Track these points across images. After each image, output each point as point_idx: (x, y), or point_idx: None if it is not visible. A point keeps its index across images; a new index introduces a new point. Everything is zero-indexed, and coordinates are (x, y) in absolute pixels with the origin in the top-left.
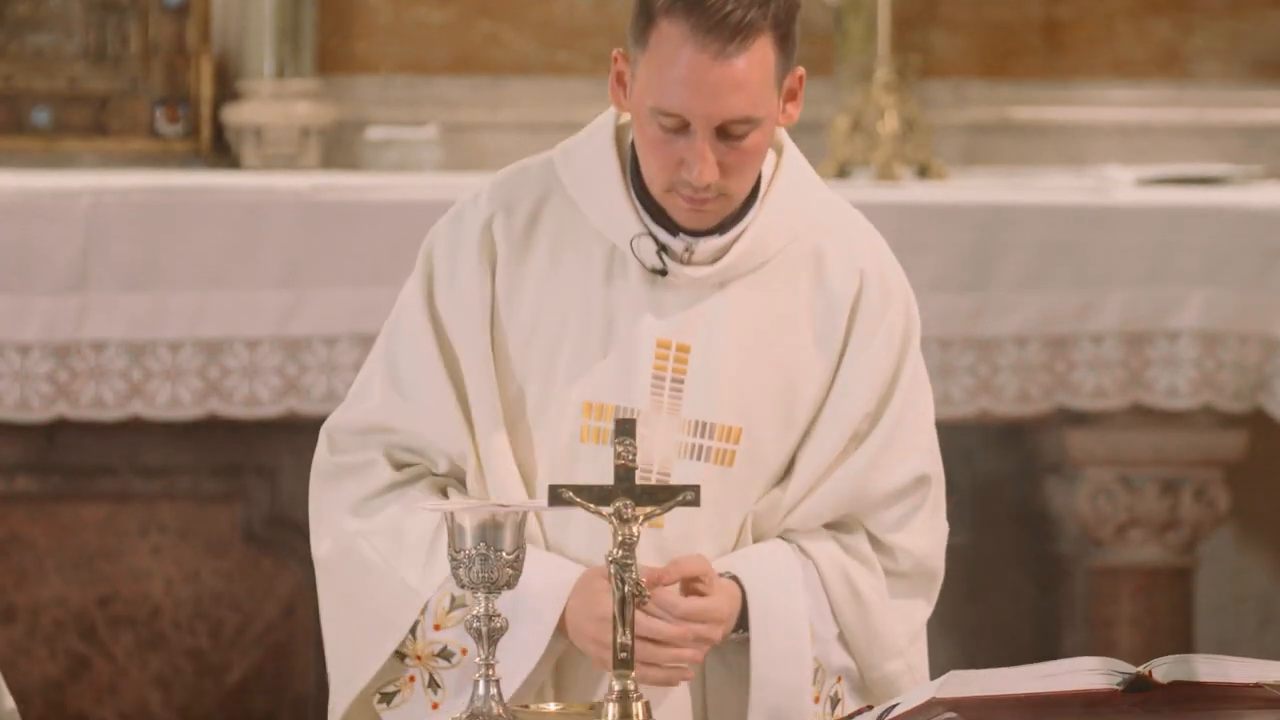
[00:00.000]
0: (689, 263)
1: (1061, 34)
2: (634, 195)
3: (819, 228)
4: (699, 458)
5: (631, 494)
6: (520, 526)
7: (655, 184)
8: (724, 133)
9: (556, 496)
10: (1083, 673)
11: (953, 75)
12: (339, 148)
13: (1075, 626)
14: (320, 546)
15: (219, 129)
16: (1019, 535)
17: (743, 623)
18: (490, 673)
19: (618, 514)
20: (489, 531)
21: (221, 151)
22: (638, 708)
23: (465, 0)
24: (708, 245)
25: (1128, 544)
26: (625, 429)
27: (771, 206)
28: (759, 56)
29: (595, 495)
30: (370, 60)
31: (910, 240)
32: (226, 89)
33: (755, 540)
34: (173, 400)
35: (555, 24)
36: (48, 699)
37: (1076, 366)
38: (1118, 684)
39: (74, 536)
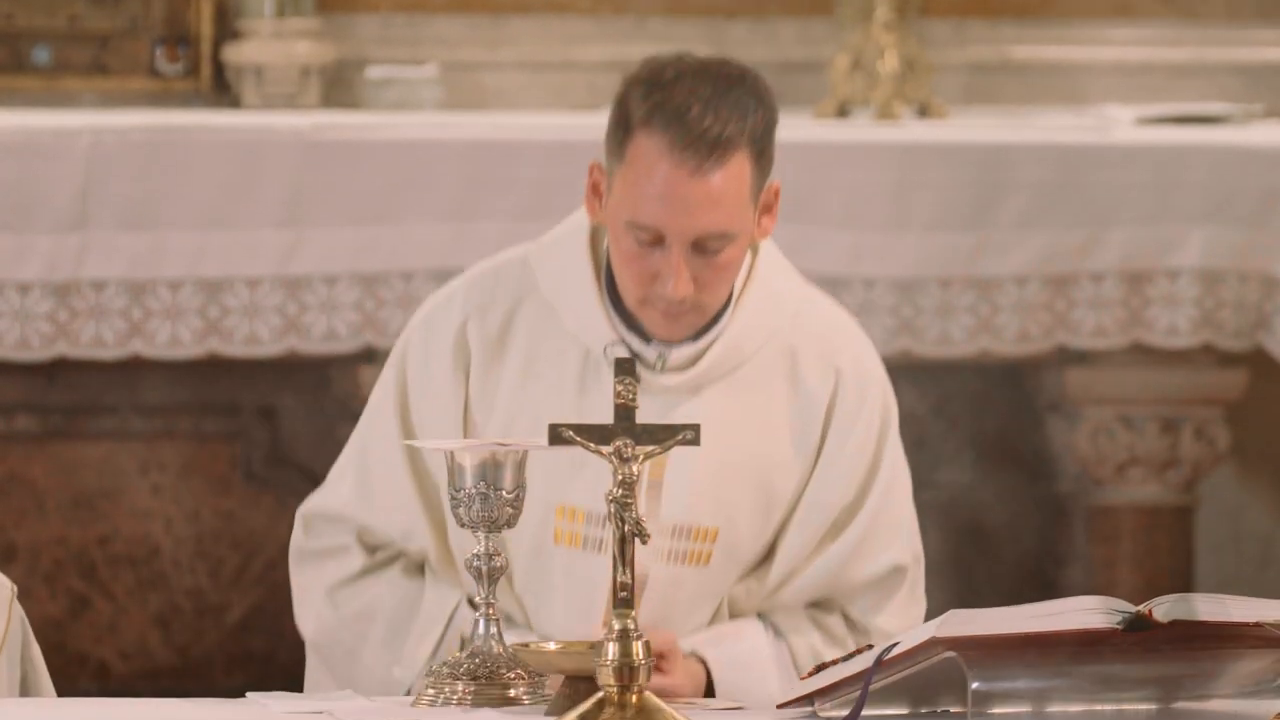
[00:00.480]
0: (663, 370)
1: None
2: (608, 302)
3: (793, 326)
4: (676, 560)
5: (631, 433)
6: (521, 466)
7: (629, 296)
8: (699, 248)
9: (556, 435)
10: (1082, 612)
11: (953, 14)
12: (339, 87)
13: (1075, 566)
14: (305, 626)
15: (219, 68)
16: (1019, 474)
17: None
18: (490, 612)
19: (618, 453)
20: (489, 470)
21: (222, 90)
22: (637, 645)
23: None
24: (681, 353)
25: (1128, 483)
26: (625, 368)
27: (745, 311)
28: (735, 172)
29: (595, 434)
30: None
31: (910, 180)
32: (227, 28)
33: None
34: (173, 339)
35: None
36: (48, 638)
37: (1077, 305)
38: (1117, 623)
39: (74, 476)
